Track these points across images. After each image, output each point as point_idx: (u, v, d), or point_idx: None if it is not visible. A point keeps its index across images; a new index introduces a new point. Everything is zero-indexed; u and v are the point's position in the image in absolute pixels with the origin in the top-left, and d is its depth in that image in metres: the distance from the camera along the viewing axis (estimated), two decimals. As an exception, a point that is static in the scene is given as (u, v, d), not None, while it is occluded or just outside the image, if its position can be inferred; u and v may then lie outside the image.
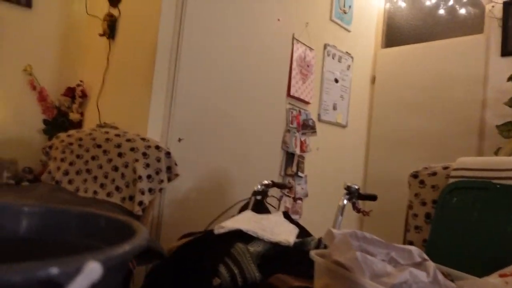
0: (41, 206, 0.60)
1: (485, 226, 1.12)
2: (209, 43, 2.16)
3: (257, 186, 1.77)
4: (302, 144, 2.78)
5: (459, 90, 3.00)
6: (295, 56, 2.73)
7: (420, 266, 0.75)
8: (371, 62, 3.54)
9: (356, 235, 0.79)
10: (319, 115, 3.00)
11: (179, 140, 2.04)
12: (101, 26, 2.33)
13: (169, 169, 1.79)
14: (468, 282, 0.79)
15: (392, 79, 3.41)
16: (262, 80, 2.48)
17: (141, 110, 2.00)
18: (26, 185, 2.09)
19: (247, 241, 1.20)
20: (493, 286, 0.80)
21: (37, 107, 2.46)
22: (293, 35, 2.70)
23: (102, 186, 1.72)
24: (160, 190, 1.76)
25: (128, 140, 1.76)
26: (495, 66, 2.85)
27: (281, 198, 2.61)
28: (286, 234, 1.29)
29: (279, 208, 2.56)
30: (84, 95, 2.51)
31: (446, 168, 1.32)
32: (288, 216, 1.54)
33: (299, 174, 2.75)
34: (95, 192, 1.71)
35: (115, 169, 1.72)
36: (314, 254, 0.80)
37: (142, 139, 1.77)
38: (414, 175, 1.39)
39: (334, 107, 3.14)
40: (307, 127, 2.82)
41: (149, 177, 1.70)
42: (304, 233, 1.42)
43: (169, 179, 1.80)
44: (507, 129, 2.53)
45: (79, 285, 0.36)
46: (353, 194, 1.54)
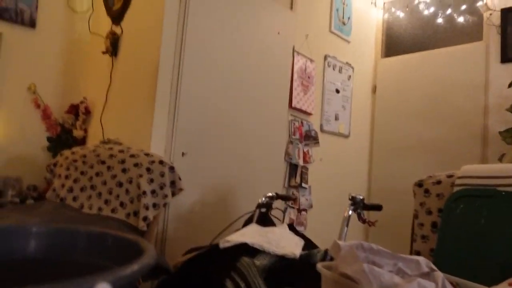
0: (48, 227, 0.60)
1: (492, 233, 1.12)
2: (210, 58, 2.19)
3: (261, 199, 1.77)
4: (305, 155, 2.78)
5: (461, 98, 3.00)
6: (296, 68, 2.75)
7: (428, 276, 0.75)
8: (372, 71, 3.57)
9: (362, 247, 0.79)
10: (321, 126, 3.01)
11: (183, 154, 2.05)
12: (103, 44, 2.36)
13: (173, 183, 1.79)
14: (477, 292, 0.78)
15: (393, 88, 3.43)
16: (263, 92, 2.50)
17: (144, 125, 2.01)
18: (31, 203, 2.10)
19: (253, 254, 1.19)
20: (502, 295, 0.79)
21: (41, 125, 2.48)
22: (293, 48, 2.73)
23: (106, 202, 1.72)
24: (164, 205, 1.76)
25: (131, 155, 1.77)
26: (496, 72, 2.86)
27: (285, 210, 2.61)
28: (292, 246, 1.29)
29: (284, 220, 2.55)
30: (87, 112, 2.53)
31: (450, 176, 1.32)
32: (293, 228, 1.53)
33: (303, 185, 2.75)
34: (100, 208, 1.71)
35: (120, 185, 1.73)
36: (320, 266, 0.80)
37: (146, 154, 1.77)
38: (419, 184, 1.39)
39: (336, 117, 3.15)
40: (310, 138, 2.83)
41: (153, 192, 1.70)
42: (310, 244, 1.41)
43: (173, 194, 1.80)
44: (510, 135, 2.52)
45: (89, 305, 0.36)
46: (358, 205, 1.54)
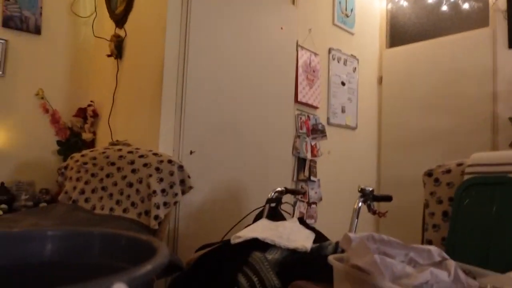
0: (63, 229, 0.61)
1: (504, 220, 1.11)
2: (215, 57, 2.19)
3: (270, 194, 1.77)
4: (313, 148, 2.78)
5: (469, 85, 2.97)
6: (301, 62, 2.74)
7: (440, 265, 0.75)
8: (377, 63, 3.54)
9: (373, 238, 0.79)
10: (328, 119, 3.00)
11: (191, 152, 2.06)
12: (108, 47, 2.38)
13: (182, 182, 1.81)
14: (490, 279, 0.78)
15: (399, 78, 3.40)
16: (269, 88, 2.50)
17: (152, 126, 2.03)
18: (44, 206, 2.13)
19: (264, 249, 1.20)
20: (516, 281, 0.79)
21: (50, 129, 2.52)
22: (297, 42, 2.72)
23: (118, 202, 1.74)
24: (175, 203, 1.77)
25: (140, 156, 1.79)
26: (503, 58, 2.82)
27: (295, 204, 2.61)
28: (303, 240, 1.29)
29: (294, 214, 2.55)
30: (95, 115, 2.55)
31: (460, 164, 1.31)
32: (303, 221, 1.53)
33: (312, 178, 2.75)
34: (112, 209, 1.73)
35: (130, 185, 1.74)
36: (332, 259, 0.80)
37: (155, 154, 1.79)
38: (429, 174, 1.38)
39: (343, 110, 3.14)
40: (317, 132, 2.82)
41: (163, 191, 1.72)
42: (320, 237, 1.41)
43: (183, 192, 1.81)
44: (520, 120, 2.49)
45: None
46: (367, 196, 1.53)
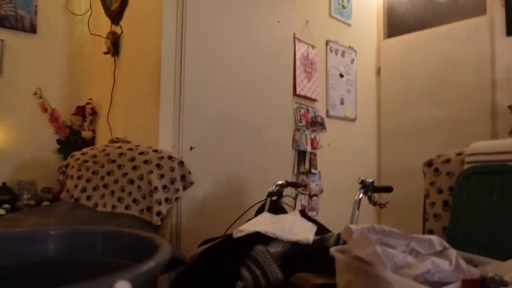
0: (65, 228, 0.62)
1: (505, 209, 1.11)
2: (211, 52, 2.18)
3: (271, 187, 1.78)
4: (312, 141, 2.78)
5: (467, 74, 2.96)
6: (298, 55, 2.73)
7: (441, 254, 0.75)
8: (375, 53, 3.53)
9: (374, 229, 0.79)
10: (327, 111, 3.00)
11: (191, 148, 2.06)
12: (104, 44, 2.37)
13: (183, 177, 1.81)
14: (491, 267, 0.78)
15: (397, 69, 3.39)
16: (267, 82, 2.49)
17: (151, 122, 2.03)
18: (46, 204, 2.13)
19: (267, 242, 1.21)
20: (517, 269, 0.79)
21: (49, 128, 2.52)
22: (294, 35, 2.71)
23: (119, 199, 1.75)
24: (176, 199, 1.78)
25: (141, 153, 1.79)
26: (502, 46, 2.81)
27: (296, 197, 2.62)
28: (305, 232, 1.30)
29: (295, 207, 2.56)
30: (94, 113, 2.55)
31: (460, 154, 1.31)
32: (305, 214, 1.54)
33: (312, 171, 2.75)
34: (114, 206, 1.74)
35: (131, 182, 1.75)
36: (334, 250, 0.81)
37: (155, 151, 1.79)
38: (428, 164, 1.39)
39: (342, 102, 3.14)
40: (316, 124, 2.82)
41: (164, 187, 1.72)
42: (322, 229, 1.42)
43: (184, 188, 1.82)
44: (520, 108, 2.49)
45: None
46: (368, 188, 1.54)
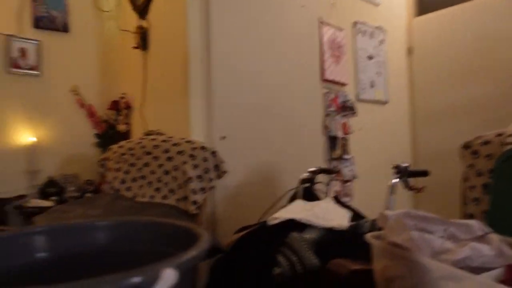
0: (111, 220, 0.66)
1: (549, 190, 1.07)
2: (237, 40, 2.18)
3: (304, 174, 1.78)
4: (344, 126, 2.75)
5: (507, 50, 2.79)
6: (325, 39, 2.68)
7: (482, 239, 0.74)
8: (405, 33, 3.40)
9: (409, 215, 0.78)
10: (358, 95, 2.94)
11: (223, 138, 2.09)
12: (133, 39, 2.42)
13: (216, 167, 1.85)
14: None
15: (430, 48, 3.25)
16: (294, 68, 2.47)
17: (182, 114, 2.07)
18: (90, 196, 2.26)
19: (301, 229, 1.22)
20: None
21: (87, 123, 2.63)
22: (319, 19, 2.66)
23: (157, 190, 1.81)
24: (211, 188, 1.82)
25: (174, 144, 1.84)
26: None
27: (329, 183, 2.60)
28: (339, 218, 1.30)
29: (328, 193, 2.56)
30: (128, 107, 2.63)
31: (500, 135, 1.26)
32: (338, 200, 1.54)
33: (345, 156, 2.73)
34: (152, 196, 1.80)
35: (166, 173, 1.81)
36: (369, 236, 0.81)
37: (188, 142, 1.84)
38: (466, 146, 1.34)
39: (372, 85, 3.06)
40: (347, 109, 2.78)
41: (199, 177, 1.77)
42: (357, 215, 1.42)
43: (218, 177, 1.86)
44: None
45: (160, 289, 0.40)
46: (402, 172, 1.51)
